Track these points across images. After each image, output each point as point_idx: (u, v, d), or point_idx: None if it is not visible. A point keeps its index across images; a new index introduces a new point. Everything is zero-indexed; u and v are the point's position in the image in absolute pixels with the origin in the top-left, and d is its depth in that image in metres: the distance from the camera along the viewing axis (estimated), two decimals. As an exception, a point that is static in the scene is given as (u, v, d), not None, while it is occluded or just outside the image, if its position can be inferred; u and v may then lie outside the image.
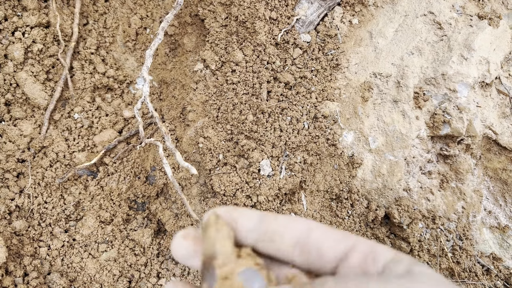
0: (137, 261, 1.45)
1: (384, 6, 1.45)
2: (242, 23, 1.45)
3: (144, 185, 1.56)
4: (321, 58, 1.45)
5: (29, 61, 1.48)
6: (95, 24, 1.61)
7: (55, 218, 1.45)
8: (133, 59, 1.68)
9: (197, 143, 1.44)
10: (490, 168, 1.43)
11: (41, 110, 1.53)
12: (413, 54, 1.40)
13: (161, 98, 1.68)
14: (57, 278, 1.36)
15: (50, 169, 1.48)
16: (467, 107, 1.36)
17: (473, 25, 1.36)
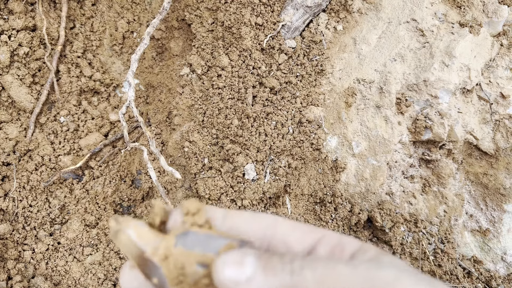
0: (122, 264, 1.48)
1: (368, 13, 1.50)
2: (228, 28, 1.49)
3: (130, 189, 1.59)
4: (306, 63, 1.49)
5: (15, 64, 1.51)
6: (82, 28, 1.64)
7: (40, 222, 1.48)
8: (120, 63, 1.71)
9: (182, 147, 1.48)
10: (472, 173, 1.48)
11: (27, 114, 1.55)
12: (395, 60, 1.44)
13: (148, 101, 1.71)
14: (41, 282, 1.39)
15: (35, 172, 1.51)
16: (448, 113, 1.41)
17: (455, 32, 1.41)
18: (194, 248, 0.34)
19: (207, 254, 0.34)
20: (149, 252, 0.33)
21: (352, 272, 0.31)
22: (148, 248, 0.34)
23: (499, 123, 1.39)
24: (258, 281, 0.32)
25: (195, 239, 0.34)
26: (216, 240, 0.35)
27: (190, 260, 0.33)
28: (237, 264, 0.32)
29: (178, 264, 0.33)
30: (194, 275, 0.33)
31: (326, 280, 0.31)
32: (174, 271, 0.33)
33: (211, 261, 0.33)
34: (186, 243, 0.34)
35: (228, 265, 0.32)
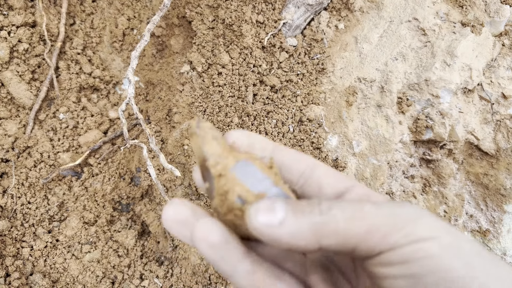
0: (120, 262, 1.49)
1: (370, 12, 1.51)
2: (229, 26, 1.50)
3: (129, 186, 1.60)
4: (307, 62, 1.50)
5: (14, 61, 1.52)
6: (82, 24, 1.65)
7: (39, 219, 1.49)
8: (119, 60, 1.72)
9: (182, 145, 1.49)
10: (472, 173, 1.49)
11: (26, 110, 1.56)
12: (397, 59, 1.45)
13: (148, 99, 1.72)
14: (39, 279, 1.40)
15: (34, 169, 1.52)
16: (449, 112, 1.42)
17: (456, 32, 1.42)
18: (245, 180, 0.37)
19: (250, 191, 0.37)
20: (210, 162, 0.37)
21: (377, 210, 0.35)
22: (211, 159, 0.37)
23: (500, 123, 1.40)
24: (289, 223, 0.35)
25: (251, 173, 0.38)
26: (266, 183, 0.38)
27: (235, 190, 0.36)
28: (268, 210, 0.35)
29: (225, 187, 0.36)
30: (231, 204, 0.36)
31: (354, 217, 0.35)
32: (220, 190, 0.37)
33: (250, 199, 0.36)
34: (241, 172, 0.37)
35: (261, 212, 0.35)
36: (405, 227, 0.34)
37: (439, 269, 0.33)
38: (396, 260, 0.34)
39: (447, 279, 0.33)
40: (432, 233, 0.34)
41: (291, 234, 0.35)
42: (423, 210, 0.37)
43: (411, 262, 0.34)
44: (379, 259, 0.35)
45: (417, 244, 0.34)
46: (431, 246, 0.34)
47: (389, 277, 0.35)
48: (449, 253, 0.34)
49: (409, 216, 0.35)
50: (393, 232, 0.34)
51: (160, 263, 1.53)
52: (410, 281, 0.34)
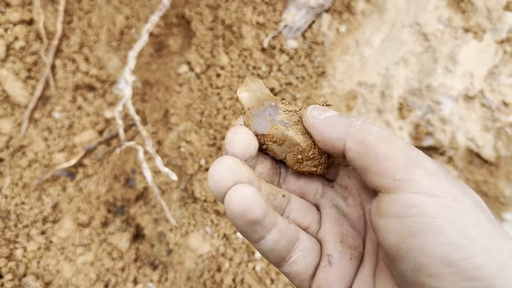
0: (114, 265, 1.53)
1: (372, 15, 1.55)
2: (228, 27, 1.54)
3: (124, 188, 1.64)
4: (307, 65, 1.54)
5: (10, 58, 1.56)
6: (80, 23, 1.69)
7: (32, 220, 1.53)
8: (117, 59, 1.76)
9: (179, 147, 1.53)
10: (472, 180, 1.53)
11: (21, 109, 1.60)
12: (398, 64, 1.50)
13: (145, 99, 1.76)
14: (32, 281, 1.44)
15: (28, 169, 1.56)
16: (450, 119, 1.46)
17: (458, 38, 1.47)
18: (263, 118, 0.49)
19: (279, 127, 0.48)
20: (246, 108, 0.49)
21: (405, 149, 0.39)
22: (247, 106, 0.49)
23: (501, 131, 1.44)
24: (332, 119, 0.43)
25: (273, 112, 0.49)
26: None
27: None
28: (322, 110, 0.45)
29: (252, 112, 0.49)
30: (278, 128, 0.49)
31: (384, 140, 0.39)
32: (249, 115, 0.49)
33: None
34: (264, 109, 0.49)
35: (316, 109, 0.45)
36: (414, 172, 0.36)
37: (430, 230, 0.34)
38: (393, 209, 0.36)
39: (435, 243, 0.34)
40: (436, 191, 0.35)
41: (329, 127, 0.43)
42: (446, 171, 0.38)
43: (405, 217, 0.35)
44: (380, 203, 0.38)
45: (416, 197, 0.35)
46: (429, 204, 0.35)
47: (384, 230, 0.37)
48: (445, 217, 0.34)
49: (427, 168, 0.37)
50: (401, 169, 0.37)
51: (154, 267, 1.57)
52: (401, 237, 0.36)
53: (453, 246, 0.33)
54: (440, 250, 0.34)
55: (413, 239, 0.35)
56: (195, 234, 1.47)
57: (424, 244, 0.34)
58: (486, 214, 0.36)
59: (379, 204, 0.38)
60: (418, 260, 0.35)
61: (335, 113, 0.44)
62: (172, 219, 1.46)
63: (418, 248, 0.35)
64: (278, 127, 0.47)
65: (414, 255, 0.35)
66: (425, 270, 0.34)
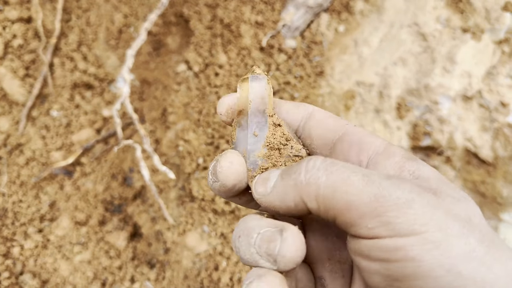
0: (111, 264, 1.55)
1: (370, 15, 1.56)
2: (227, 26, 1.56)
3: (122, 187, 1.65)
4: (305, 64, 1.56)
5: (8, 56, 1.58)
6: (78, 21, 1.71)
7: (30, 218, 1.54)
8: (115, 57, 1.78)
9: (177, 146, 1.54)
10: (469, 180, 1.55)
11: (19, 107, 1.62)
12: (396, 64, 1.51)
13: (143, 98, 1.77)
14: (29, 279, 1.46)
15: (26, 167, 1.58)
16: (448, 119, 1.48)
17: (456, 38, 1.48)
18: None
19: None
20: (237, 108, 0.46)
21: (364, 187, 0.33)
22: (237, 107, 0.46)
23: (498, 131, 1.46)
24: (277, 187, 0.38)
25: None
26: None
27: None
28: (264, 180, 0.40)
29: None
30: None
31: (336, 186, 0.34)
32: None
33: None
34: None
35: (258, 183, 0.41)
36: (385, 214, 0.32)
37: (418, 275, 0.31)
38: (375, 254, 0.33)
39: (425, 286, 0.31)
40: (416, 227, 0.31)
41: (280, 197, 0.38)
42: (422, 192, 0.33)
43: (389, 262, 0.32)
44: (359, 245, 0.34)
45: (397, 240, 0.32)
46: (412, 246, 0.31)
47: (367, 271, 0.35)
48: (431, 258, 0.31)
49: (397, 201, 0.32)
50: (370, 217, 0.32)
51: (152, 265, 1.59)
52: (387, 281, 0.33)
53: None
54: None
55: (400, 284, 0.32)
56: (192, 233, 1.48)
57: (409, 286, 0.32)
58: (478, 231, 0.32)
59: (359, 246, 0.35)
60: None
61: (276, 175, 0.39)
62: (169, 218, 1.48)
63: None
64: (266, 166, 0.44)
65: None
66: None
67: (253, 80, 0.46)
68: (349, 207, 0.33)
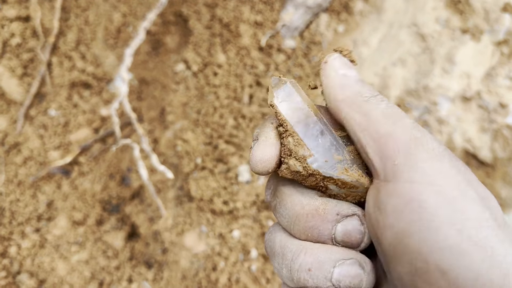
0: (109, 264, 1.56)
1: (370, 16, 1.58)
2: (226, 25, 1.57)
3: (119, 187, 1.66)
4: (305, 64, 1.57)
5: (6, 55, 1.59)
6: (76, 20, 1.72)
7: (27, 217, 1.55)
8: (113, 57, 1.79)
9: (175, 145, 1.55)
10: (468, 182, 1.56)
11: (17, 106, 1.63)
12: (396, 65, 1.53)
13: (141, 97, 1.79)
14: (26, 279, 1.47)
15: (23, 166, 1.59)
16: (447, 120, 1.49)
17: (456, 39, 1.50)
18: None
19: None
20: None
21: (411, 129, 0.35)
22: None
23: (497, 132, 1.47)
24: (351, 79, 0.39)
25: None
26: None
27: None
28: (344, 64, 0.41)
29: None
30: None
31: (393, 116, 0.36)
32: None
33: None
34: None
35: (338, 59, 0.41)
36: (415, 155, 0.33)
37: (428, 230, 0.31)
38: (391, 203, 0.33)
39: (434, 246, 0.31)
40: (438, 178, 0.32)
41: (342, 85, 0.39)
42: (453, 159, 0.34)
43: (402, 212, 0.32)
44: (379, 194, 0.35)
45: (416, 187, 0.32)
46: (428, 196, 0.32)
47: (381, 226, 0.35)
48: (445, 215, 0.31)
49: (431, 151, 0.34)
50: (403, 153, 0.34)
51: (149, 266, 1.60)
52: (398, 236, 0.33)
53: (452, 251, 0.30)
54: (437, 255, 0.31)
55: (409, 240, 0.32)
56: (190, 233, 1.50)
57: (421, 247, 0.31)
58: (493, 210, 0.32)
59: (377, 196, 0.36)
60: (414, 263, 0.32)
61: (355, 74, 0.40)
62: (164, 214, 1.49)
63: (414, 251, 0.32)
64: (352, 174, 0.39)
65: (410, 257, 0.32)
66: (422, 275, 0.31)
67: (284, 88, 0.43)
68: (389, 135, 0.35)
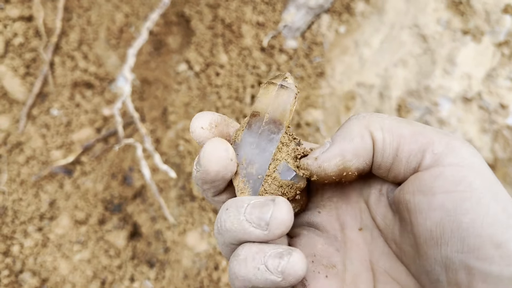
0: (111, 263, 1.57)
1: (371, 16, 1.59)
2: (228, 26, 1.59)
3: (121, 186, 1.68)
4: (306, 65, 1.58)
5: (9, 55, 1.60)
6: (79, 20, 1.74)
7: (30, 216, 1.57)
8: (116, 57, 1.80)
9: (177, 145, 1.57)
10: (469, 183, 1.58)
11: (20, 105, 1.64)
12: (397, 65, 1.54)
13: (143, 97, 1.80)
14: (29, 277, 1.48)
15: (26, 165, 1.60)
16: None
17: (457, 40, 1.51)
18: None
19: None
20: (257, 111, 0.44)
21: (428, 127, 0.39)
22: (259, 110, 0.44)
23: (498, 133, 1.49)
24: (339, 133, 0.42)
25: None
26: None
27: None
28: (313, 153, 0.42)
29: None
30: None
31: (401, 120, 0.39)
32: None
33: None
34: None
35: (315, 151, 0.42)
36: (450, 142, 0.36)
37: (479, 207, 0.33)
38: (438, 184, 0.35)
39: (485, 221, 0.32)
40: (475, 163, 0.34)
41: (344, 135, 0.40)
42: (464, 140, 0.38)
43: (452, 192, 0.34)
44: (421, 180, 0.36)
45: (461, 170, 0.34)
46: (475, 178, 0.33)
47: (427, 209, 0.35)
48: (490, 193, 0.33)
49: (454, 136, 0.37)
50: (439, 143, 0.36)
51: (152, 265, 1.61)
52: (450, 214, 0.34)
53: (502, 225, 0.32)
54: (489, 230, 0.32)
55: (462, 217, 0.33)
56: (192, 232, 1.51)
57: (474, 222, 0.32)
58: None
59: (420, 181, 0.36)
60: (466, 240, 0.33)
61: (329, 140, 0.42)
62: (170, 217, 1.50)
63: (466, 227, 0.33)
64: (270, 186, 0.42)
65: (462, 234, 0.33)
66: (474, 251, 0.32)
67: (282, 88, 0.43)
68: (417, 134, 0.37)
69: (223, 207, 0.40)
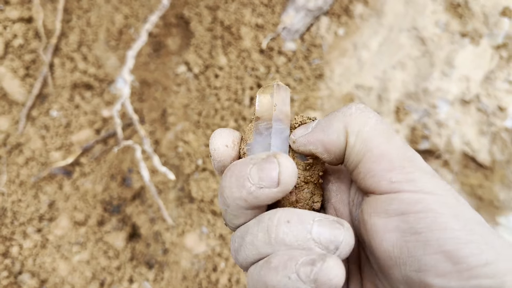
0: (110, 264, 1.58)
1: (370, 19, 1.60)
2: (227, 28, 1.60)
3: (121, 187, 1.69)
4: (305, 67, 1.59)
5: (9, 56, 1.61)
6: (78, 21, 1.74)
7: (29, 217, 1.57)
8: (115, 58, 1.81)
9: (176, 147, 1.58)
10: (467, 184, 1.59)
11: (19, 106, 1.65)
12: (395, 68, 1.55)
13: (143, 98, 1.81)
14: (28, 278, 1.48)
15: (25, 166, 1.61)
16: (446, 123, 1.51)
17: (455, 42, 1.52)
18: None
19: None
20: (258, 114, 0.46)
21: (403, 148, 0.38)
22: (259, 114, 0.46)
23: (496, 135, 1.50)
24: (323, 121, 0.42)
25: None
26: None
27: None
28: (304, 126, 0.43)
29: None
30: None
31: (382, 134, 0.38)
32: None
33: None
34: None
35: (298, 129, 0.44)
36: (413, 173, 0.36)
37: (435, 226, 0.33)
38: (395, 207, 0.35)
39: (441, 238, 0.33)
40: (435, 189, 0.35)
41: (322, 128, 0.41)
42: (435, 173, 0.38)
43: (408, 214, 0.34)
44: (378, 202, 0.37)
45: (418, 195, 0.35)
46: (433, 201, 0.34)
47: (383, 230, 0.36)
48: (449, 213, 0.34)
49: (426, 168, 0.37)
50: (398, 172, 0.36)
51: (150, 266, 1.62)
52: (405, 235, 0.35)
53: (460, 241, 0.32)
54: (446, 246, 0.33)
55: (418, 236, 0.34)
56: (191, 234, 1.52)
57: (429, 240, 0.33)
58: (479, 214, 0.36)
59: (376, 203, 0.37)
60: (423, 259, 0.34)
61: (318, 119, 0.43)
62: (168, 219, 1.51)
63: (423, 246, 0.34)
64: None
65: (418, 253, 0.34)
66: (431, 269, 0.33)
67: (279, 88, 0.46)
68: (383, 155, 0.37)
69: (282, 219, 0.38)
